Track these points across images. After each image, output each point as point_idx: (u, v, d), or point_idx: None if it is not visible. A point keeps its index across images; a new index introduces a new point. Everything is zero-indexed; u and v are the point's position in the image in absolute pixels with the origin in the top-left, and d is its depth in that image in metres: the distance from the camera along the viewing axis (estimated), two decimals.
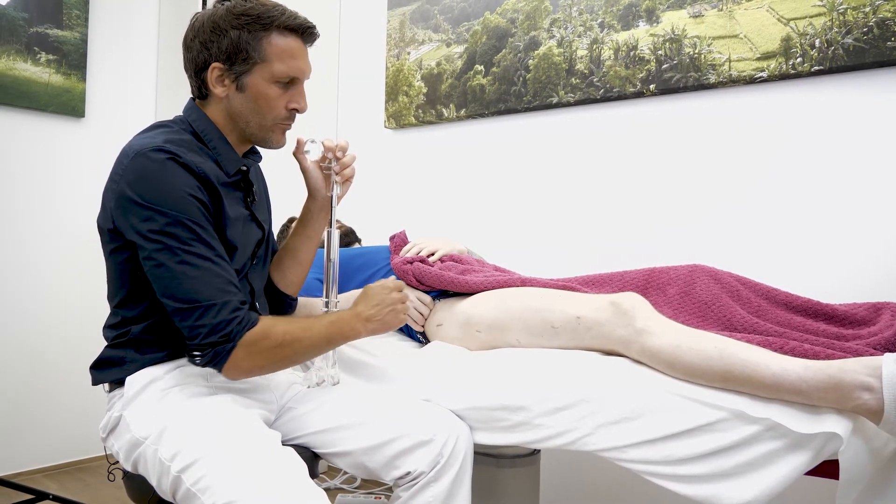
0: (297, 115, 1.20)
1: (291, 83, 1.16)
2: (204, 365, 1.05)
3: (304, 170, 1.29)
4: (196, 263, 1.03)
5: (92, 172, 2.53)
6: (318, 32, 1.20)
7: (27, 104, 2.38)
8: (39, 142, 2.45)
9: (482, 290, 1.39)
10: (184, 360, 1.11)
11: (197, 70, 1.15)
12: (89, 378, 1.16)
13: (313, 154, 1.26)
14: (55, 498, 1.99)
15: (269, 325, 1.07)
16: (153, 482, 1.05)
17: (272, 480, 0.94)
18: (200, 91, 1.17)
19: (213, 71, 1.13)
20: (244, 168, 1.20)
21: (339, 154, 1.26)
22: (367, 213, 2.34)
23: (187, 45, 1.15)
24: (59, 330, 2.48)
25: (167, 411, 1.06)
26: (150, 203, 1.02)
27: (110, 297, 1.15)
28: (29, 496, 1.99)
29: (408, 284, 1.49)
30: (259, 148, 1.27)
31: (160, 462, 1.01)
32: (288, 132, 1.22)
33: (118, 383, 1.13)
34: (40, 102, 2.41)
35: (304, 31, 1.16)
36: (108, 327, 1.16)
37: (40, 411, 2.44)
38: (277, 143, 1.20)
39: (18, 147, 2.40)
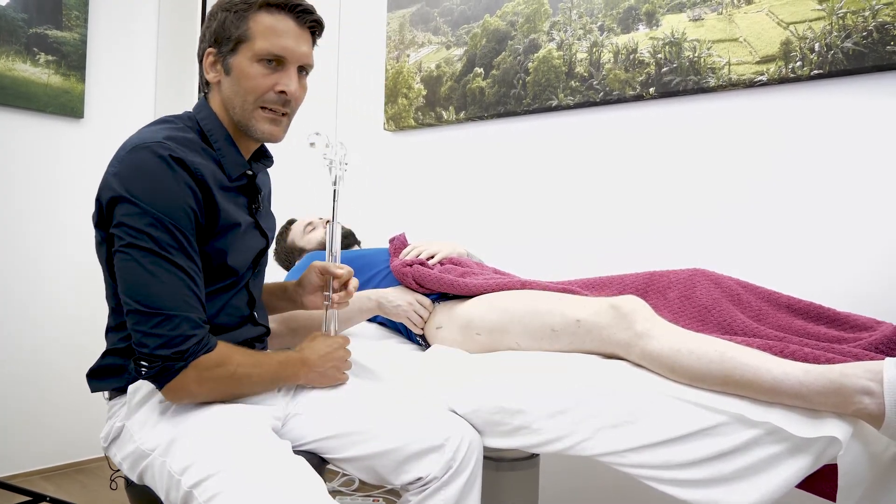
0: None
1: (279, 64, 1.10)
2: (147, 378, 0.99)
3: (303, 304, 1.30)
4: (169, 269, 0.98)
5: (91, 173, 2.52)
6: (318, 15, 1.14)
7: (26, 105, 2.38)
8: (38, 142, 2.45)
9: (482, 293, 1.39)
10: None
11: (200, 60, 1.15)
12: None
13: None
14: (52, 500, 1.98)
15: (226, 354, 1.03)
16: (161, 494, 1.00)
17: (291, 499, 0.89)
18: (203, 81, 1.17)
19: (208, 57, 1.13)
20: (249, 173, 1.17)
21: (337, 272, 1.24)
22: (366, 216, 2.34)
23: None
24: (58, 331, 2.47)
25: (174, 421, 1.02)
26: (137, 199, 0.98)
27: (108, 300, 1.11)
28: (26, 498, 1.97)
29: (407, 287, 1.48)
30: (269, 150, 1.25)
31: (169, 475, 0.97)
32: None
33: (119, 391, 1.10)
34: (39, 103, 2.41)
35: (294, 9, 1.10)
36: (110, 331, 1.12)
37: (38, 412, 2.43)
38: (263, 133, 1.13)
39: (17, 148, 2.39)
